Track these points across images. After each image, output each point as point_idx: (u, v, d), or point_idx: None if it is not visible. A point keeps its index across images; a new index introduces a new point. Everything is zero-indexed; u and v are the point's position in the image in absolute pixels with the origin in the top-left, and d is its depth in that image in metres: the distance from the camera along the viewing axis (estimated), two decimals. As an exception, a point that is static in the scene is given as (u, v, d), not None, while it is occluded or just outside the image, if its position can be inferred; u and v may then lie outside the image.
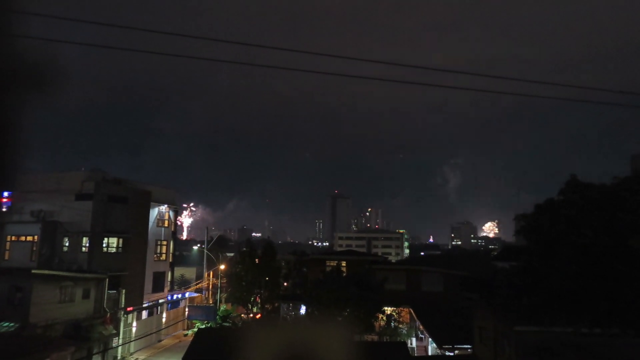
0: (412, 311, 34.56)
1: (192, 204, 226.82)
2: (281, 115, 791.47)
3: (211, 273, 55.11)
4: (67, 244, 36.48)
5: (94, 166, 42.41)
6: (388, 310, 34.26)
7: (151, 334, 38.50)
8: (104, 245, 36.81)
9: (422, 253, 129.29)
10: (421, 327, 32.65)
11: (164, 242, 45.24)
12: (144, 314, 41.08)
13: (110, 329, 33.22)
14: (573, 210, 18.26)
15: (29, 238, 36.82)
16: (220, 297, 49.11)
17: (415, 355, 31.76)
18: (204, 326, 40.11)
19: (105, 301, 33.44)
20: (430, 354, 31.37)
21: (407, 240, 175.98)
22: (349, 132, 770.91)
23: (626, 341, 16.74)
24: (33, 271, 29.01)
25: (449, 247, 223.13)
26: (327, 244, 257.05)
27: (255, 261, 41.05)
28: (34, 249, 36.29)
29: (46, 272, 30.16)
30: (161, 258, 44.71)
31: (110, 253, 37.18)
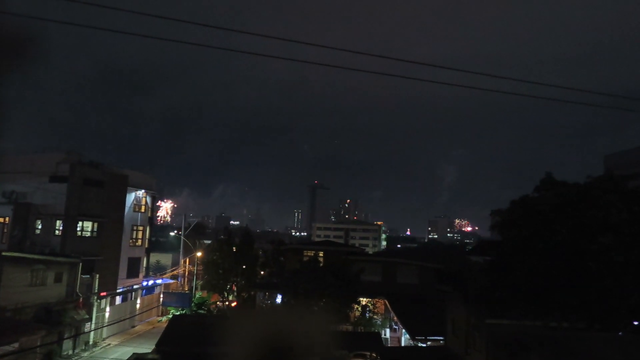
0: (387, 302, 34.96)
1: (170, 201, 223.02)
2: (264, 105, 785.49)
3: (187, 260, 54.74)
4: (39, 227, 35.75)
5: (70, 148, 41.51)
6: (363, 301, 34.63)
7: (124, 319, 38.10)
8: (79, 229, 36.19)
9: (398, 245, 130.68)
10: (395, 318, 33.06)
11: (140, 228, 44.69)
12: (118, 299, 40.62)
13: (83, 313, 32.75)
14: (546, 207, 18.65)
15: (0, 219, 36.01)
16: (196, 284, 48.89)
17: (389, 345, 32.17)
18: (178, 313, 39.96)
19: (78, 286, 32.95)
20: (403, 344, 31.82)
21: (384, 232, 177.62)
22: (330, 123, 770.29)
23: (592, 335, 17.25)
24: (3, 253, 28.42)
25: (426, 240, 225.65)
26: (306, 234, 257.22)
27: (233, 249, 40.99)
28: (5, 230, 35.53)
29: (17, 254, 29.54)
30: (137, 243, 44.19)
31: (85, 237, 36.58)
